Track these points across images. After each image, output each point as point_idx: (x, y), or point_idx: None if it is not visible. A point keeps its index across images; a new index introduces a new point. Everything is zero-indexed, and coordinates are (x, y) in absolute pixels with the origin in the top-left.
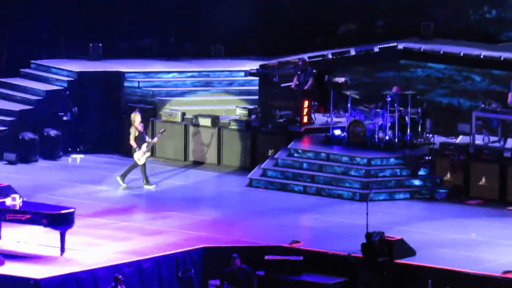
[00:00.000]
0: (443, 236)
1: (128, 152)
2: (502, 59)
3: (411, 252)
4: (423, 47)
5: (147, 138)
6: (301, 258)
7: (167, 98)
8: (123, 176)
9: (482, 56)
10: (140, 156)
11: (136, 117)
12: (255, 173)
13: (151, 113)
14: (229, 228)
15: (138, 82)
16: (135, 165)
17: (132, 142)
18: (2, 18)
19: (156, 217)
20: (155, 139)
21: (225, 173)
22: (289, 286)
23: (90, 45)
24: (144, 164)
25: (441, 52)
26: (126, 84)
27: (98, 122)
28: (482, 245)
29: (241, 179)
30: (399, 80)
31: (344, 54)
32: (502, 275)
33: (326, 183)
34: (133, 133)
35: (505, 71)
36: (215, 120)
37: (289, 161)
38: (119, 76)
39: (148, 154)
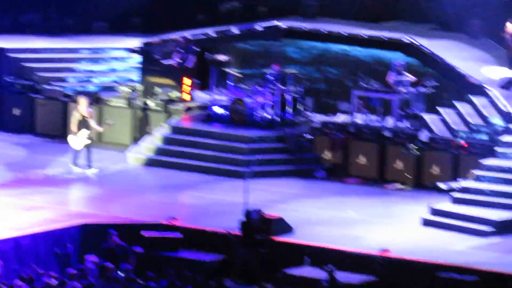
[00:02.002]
0: (321, 214)
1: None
2: (384, 38)
3: (289, 230)
4: (306, 26)
5: (93, 124)
6: (179, 235)
7: (47, 75)
8: (74, 163)
9: (365, 36)
10: (75, 140)
11: (81, 101)
12: (135, 149)
13: (31, 89)
14: (107, 204)
15: (19, 58)
16: (76, 150)
17: (72, 126)
18: None
19: (34, 192)
20: (99, 128)
21: (105, 150)
22: (167, 263)
23: None
24: (88, 148)
25: (324, 31)
26: (6, 60)
27: None
28: (361, 223)
29: (121, 156)
30: (282, 58)
31: (226, 32)
32: (380, 254)
33: (206, 160)
34: (75, 116)
35: (386, 50)
36: (95, 97)
37: (170, 138)
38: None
39: (87, 141)
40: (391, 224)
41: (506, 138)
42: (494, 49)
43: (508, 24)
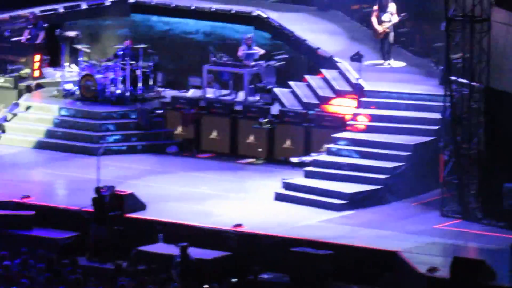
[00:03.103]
0: (174, 190)
1: None
2: (233, 11)
3: (141, 206)
4: (154, 0)
5: None
6: (32, 212)
7: None
8: None
9: (213, 9)
10: None
11: None
12: None
13: None
14: None
15: None
16: None
17: None
18: None
19: None
20: None
21: None
22: (20, 241)
23: None
24: None
25: (172, 5)
26: None
27: None
28: (213, 199)
29: None
30: (132, 34)
31: (75, 8)
32: (233, 229)
33: (60, 137)
34: None
35: (237, 23)
36: None
37: (24, 116)
38: None
39: None
40: (244, 199)
41: (356, 110)
42: (344, 21)
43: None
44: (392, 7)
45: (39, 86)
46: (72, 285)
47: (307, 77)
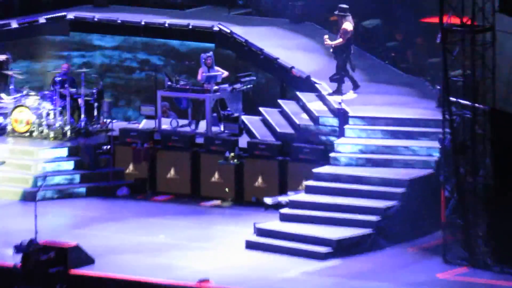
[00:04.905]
0: (126, 240)
1: None
2: (190, 27)
3: (89, 260)
4: (98, 16)
5: None
6: None
7: None
8: None
9: (166, 25)
10: None
11: None
12: None
13: None
14: None
15: None
16: None
17: None
18: None
19: None
20: None
21: None
22: None
23: None
24: None
25: (119, 21)
26: None
27: None
28: (173, 249)
29: None
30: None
31: (5, 27)
32: (198, 285)
33: None
34: None
35: (194, 41)
36: None
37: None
38: None
39: None
40: (211, 249)
41: (340, 140)
42: (320, 35)
43: (348, 23)
44: (345, 25)
45: None
46: None
47: (280, 101)
